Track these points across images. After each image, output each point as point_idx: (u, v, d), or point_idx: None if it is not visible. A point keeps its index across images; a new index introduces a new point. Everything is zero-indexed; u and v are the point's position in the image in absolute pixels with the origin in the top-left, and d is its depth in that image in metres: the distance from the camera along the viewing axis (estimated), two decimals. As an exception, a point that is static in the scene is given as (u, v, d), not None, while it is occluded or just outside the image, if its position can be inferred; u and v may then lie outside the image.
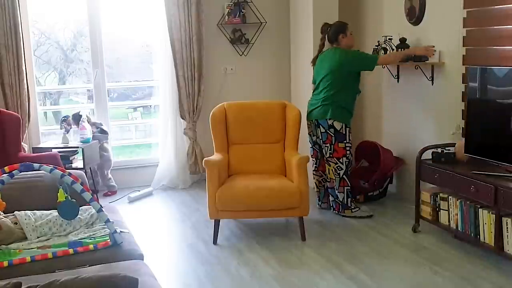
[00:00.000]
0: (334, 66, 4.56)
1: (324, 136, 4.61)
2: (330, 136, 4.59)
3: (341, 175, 4.61)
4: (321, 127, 4.61)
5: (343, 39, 4.64)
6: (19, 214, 2.98)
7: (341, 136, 4.58)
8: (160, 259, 3.92)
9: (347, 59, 4.56)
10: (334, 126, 4.56)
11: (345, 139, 4.59)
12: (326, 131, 4.60)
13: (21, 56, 5.15)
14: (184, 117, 5.75)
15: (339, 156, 4.60)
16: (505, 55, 3.90)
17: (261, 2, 5.89)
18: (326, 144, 4.62)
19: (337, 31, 4.64)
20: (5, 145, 4.67)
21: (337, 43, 4.65)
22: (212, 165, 4.13)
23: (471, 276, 3.42)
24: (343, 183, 4.62)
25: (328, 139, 4.60)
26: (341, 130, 4.57)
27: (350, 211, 4.64)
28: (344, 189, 4.62)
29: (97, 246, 2.78)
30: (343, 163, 4.60)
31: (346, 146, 4.61)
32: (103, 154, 5.51)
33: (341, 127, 4.57)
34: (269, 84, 6.09)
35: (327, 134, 4.60)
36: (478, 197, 3.56)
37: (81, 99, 7.19)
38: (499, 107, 3.65)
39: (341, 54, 4.58)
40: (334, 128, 4.57)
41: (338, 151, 4.59)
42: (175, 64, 5.62)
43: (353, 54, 4.64)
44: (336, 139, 4.58)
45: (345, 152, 4.60)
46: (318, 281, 3.44)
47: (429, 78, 4.65)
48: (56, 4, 6.01)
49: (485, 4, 4.03)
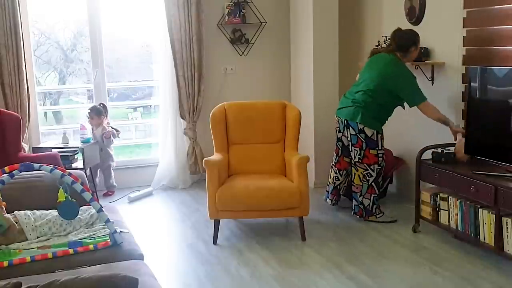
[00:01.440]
0: (385, 75, 4.27)
1: (354, 139, 4.39)
2: (361, 141, 4.36)
3: (370, 182, 4.41)
4: (351, 128, 4.38)
5: (414, 52, 4.32)
6: (19, 214, 2.98)
7: (373, 142, 4.35)
8: (160, 259, 3.92)
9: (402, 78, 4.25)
10: (365, 131, 4.33)
11: (377, 146, 4.36)
12: (356, 134, 4.36)
13: (21, 56, 5.15)
14: (184, 117, 5.75)
15: (370, 163, 4.38)
16: (505, 55, 3.90)
17: (261, 2, 5.88)
18: (355, 148, 4.39)
19: (413, 41, 4.30)
20: (5, 145, 4.67)
21: (405, 54, 4.31)
22: (212, 165, 4.13)
23: (471, 276, 3.42)
24: (371, 190, 4.43)
25: (358, 143, 4.37)
26: (372, 136, 4.34)
27: (374, 217, 4.50)
28: (370, 196, 4.44)
29: (97, 246, 2.77)
30: (374, 170, 4.39)
31: (379, 153, 4.38)
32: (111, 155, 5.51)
33: (372, 133, 4.34)
34: (269, 84, 6.09)
35: (357, 138, 4.36)
36: (478, 197, 3.56)
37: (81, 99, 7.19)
38: (499, 107, 3.65)
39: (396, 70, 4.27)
40: (365, 134, 4.33)
41: (369, 158, 4.37)
42: (175, 64, 5.62)
43: (410, 79, 4.26)
44: (368, 145, 4.35)
45: (377, 159, 4.38)
46: (318, 281, 3.44)
47: (429, 78, 4.65)
48: (56, 4, 6.01)
49: (485, 4, 4.03)
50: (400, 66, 4.30)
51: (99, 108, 5.41)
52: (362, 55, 5.01)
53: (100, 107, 5.42)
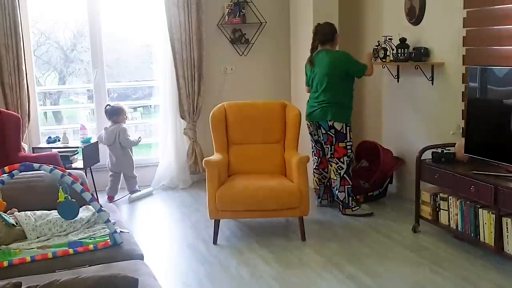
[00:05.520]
0: (333, 68, 4.58)
1: (325, 137, 4.65)
2: (331, 137, 4.62)
3: (342, 175, 4.63)
4: (322, 128, 4.65)
5: (337, 38, 4.74)
6: (19, 214, 2.98)
7: (342, 136, 4.60)
8: (160, 259, 3.92)
9: (346, 62, 4.62)
10: (335, 126, 4.59)
11: (345, 138, 4.62)
12: (326, 132, 4.63)
13: (21, 56, 5.15)
14: (184, 117, 5.75)
15: (340, 156, 4.62)
16: (505, 55, 3.90)
17: (261, 2, 5.89)
18: (327, 145, 4.66)
19: (333, 31, 4.70)
20: (5, 145, 4.67)
21: (332, 43, 4.70)
22: (212, 165, 4.13)
23: (471, 276, 3.42)
24: (344, 182, 4.63)
25: (328, 140, 4.64)
26: (342, 130, 4.60)
27: (350, 209, 4.66)
28: (345, 188, 4.64)
29: (97, 246, 2.78)
30: (344, 162, 4.62)
31: (347, 145, 4.63)
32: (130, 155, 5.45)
33: (342, 127, 4.60)
34: (269, 84, 6.09)
35: (328, 135, 4.63)
36: (478, 197, 3.56)
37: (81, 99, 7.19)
38: (499, 107, 3.65)
39: (339, 56, 4.65)
40: (335, 129, 4.60)
41: (338, 151, 4.62)
42: (175, 64, 5.62)
43: (349, 58, 4.66)
44: (337, 140, 4.61)
45: (346, 151, 4.63)
46: (318, 281, 3.44)
47: (429, 78, 4.64)
48: (56, 4, 6.01)
49: (485, 4, 4.03)
50: (336, 52, 4.73)
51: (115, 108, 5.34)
52: (362, 55, 5.01)
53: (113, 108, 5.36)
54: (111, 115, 5.30)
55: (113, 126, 5.29)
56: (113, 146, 5.29)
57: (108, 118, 5.33)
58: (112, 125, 5.30)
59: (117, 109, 5.33)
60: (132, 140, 5.32)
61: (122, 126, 5.30)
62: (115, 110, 5.32)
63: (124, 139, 5.26)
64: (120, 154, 5.32)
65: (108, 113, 5.31)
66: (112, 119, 5.31)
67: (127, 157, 5.37)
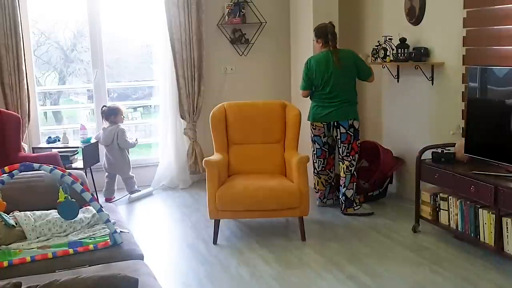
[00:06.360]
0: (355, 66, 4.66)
1: (344, 136, 4.66)
2: (350, 136, 4.65)
3: (352, 171, 4.68)
4: (342, 127, 4.65)
5: None
6: (19, 215, 2.98)
7: (358, 133, 4.71)
8: (160, 259, 3.92)
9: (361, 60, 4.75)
10: (354, 125, 4.66)
11: (359, 135, 4.73)
12: (346, 132, 4.65)
13: (21, 56, 5.15)
14: (184, 117, 5.75)
15: (354, 154, 4.69)
16: (505, 55, 3.90)
17: (261, 2, 5.89)
18: (344, 144, 4.67)
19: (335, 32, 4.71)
20: (5, 145, 4.66)
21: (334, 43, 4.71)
22: (212, 165, 4.13)
23: (471, 276, 3.42)
24: (353, 179, 4.68)
25: (347, 139, 4.66)
26: (358, 128, 4.71)
27: (352, 209, 4.67)
28: (353, 186, 4.68)
29: (97, 246, 2.78)
30: (355, 159, 4.71)
31: (358, 143, 4.72)
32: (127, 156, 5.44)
33: (358, 125, 4.71)
34: (269, 84, 6.09)
35: (347, 134, 4.65)
36: (478, 197, 3.56)
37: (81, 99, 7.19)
38: (499, 107, 3.65)
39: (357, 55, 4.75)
40: (354, 127, 4.66)
41: (355, 149, 4.69)
42: (175, 64, 5.62)
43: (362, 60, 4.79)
44: (354, 138, 4.68)
45: (357, 149, 4.72)
46: (318, 281, 3.44)
47: (429, 78, 4.65)
48: (56, 4, 6.01)
49: (485, 4, 4.03)
50: (351, 51, 4.79)
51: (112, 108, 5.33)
52: (362, 55, 5.01)
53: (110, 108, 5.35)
54: (109, 116, 5.30)
55: (112, 126, 5.28)
56: (111, 147, 5.28)
57: (106, 119, 5.31)
58: (110, 125, 5.29)
59: (114, 109, 5.33)
60: (130, 142, 5.33)
61: (121, 127, 5.29)
62: (112, 110, 5.31)
63: (122, 140, 5.26)
64: (117, 155, 5.31)
65: (105, 113, 5.30)
66: (110, 119, 5.30)
67: (124, 158, 5.37)
